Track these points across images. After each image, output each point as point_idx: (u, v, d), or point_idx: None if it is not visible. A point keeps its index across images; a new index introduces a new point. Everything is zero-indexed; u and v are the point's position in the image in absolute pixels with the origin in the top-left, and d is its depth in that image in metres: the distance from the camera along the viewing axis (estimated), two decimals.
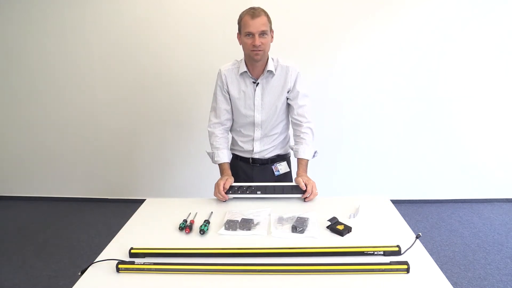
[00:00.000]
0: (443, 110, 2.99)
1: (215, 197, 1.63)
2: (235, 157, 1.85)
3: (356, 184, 3.19)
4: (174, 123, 3.17)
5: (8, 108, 3.27)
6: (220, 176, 1.69)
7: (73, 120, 3.24)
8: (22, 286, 2.25)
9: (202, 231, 1.30)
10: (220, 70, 1.71)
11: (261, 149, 1.77)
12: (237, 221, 1.35)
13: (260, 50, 1.54)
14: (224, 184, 1.57)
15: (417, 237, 1.23)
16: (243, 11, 1.56)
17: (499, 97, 2.94)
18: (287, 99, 1.70)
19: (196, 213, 1.46)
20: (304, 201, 1.55)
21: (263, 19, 1.51)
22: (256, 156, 1.78)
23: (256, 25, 1.50)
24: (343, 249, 1.17)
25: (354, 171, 3.15)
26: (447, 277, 1.03)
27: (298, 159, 1.70)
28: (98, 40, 3.00)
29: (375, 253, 1.14)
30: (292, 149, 1.76)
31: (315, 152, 1.73)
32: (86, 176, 3.41)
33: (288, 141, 1.88)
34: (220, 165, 1.74)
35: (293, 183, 1.63)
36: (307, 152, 1.69)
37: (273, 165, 1.80)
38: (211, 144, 1.77)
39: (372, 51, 2.88)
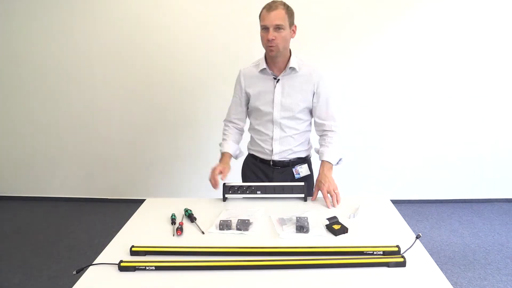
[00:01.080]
0: (443, 110, 2.99)
1: (215, 198, 1.63)
2: (255, 158, 1.78)
3: (356, 184, 3.19)
4: (174, 123, 3.17)
5: (8, 108, 3.27)
6: None
7: (73, 120, 3.24)
8: (22, 286, 2.25)
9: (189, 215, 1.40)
10: (240, 70, 1.69)
11: (281, 149, 1.68)
12: (231, 220, 1.35)
13: (273, 46, 1.47)
14: (220, 170, 1.55)
15: (417, 237, 1.23)
16: (264, 6, 1.50)
17: (499, 97, 2.94)
18: (312, 101, 1.65)
19: (183, 215, 1.46)
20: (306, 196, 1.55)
21: (280, 12, 1.44)
22: (276, 158, 1.70)
23: (271, 18, 1.44)
24: (342, 248, 1.17)
25: (354, 171, 3.15)
26: (447, 277, 1.03)
27: (321, 162, 1.64)
28: (98, 41, 3.00)
29: (375, 253, 1.14)
30: (317, 152, 1.70)
31: (340, 160, 1.67)
32: (86, 176, 3.41)
33: (310, 144, 1.79)
34: (222, 154, 1.72)
35: (293, 183, 1.63)
36: (332, 155, 1.62)
37: (294, 167, 1.71)
38: (222, 134, 1.78)
39: (371, 51, 2.88)
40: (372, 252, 1.14)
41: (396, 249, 1.14)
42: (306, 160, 1.77)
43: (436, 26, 2.80)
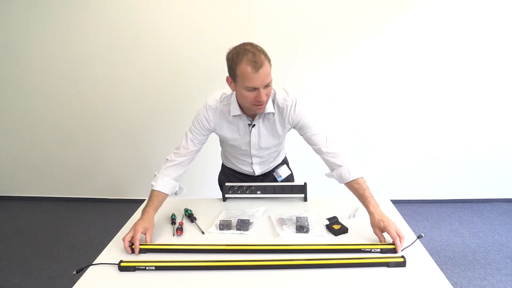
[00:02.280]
0: (443, 110, 2.98)
1: (215, 197, 1.63)
2: (234, 172, 1.73)
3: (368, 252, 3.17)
4: (174, 123, 3.16)
5: (8, 108, 3.26)
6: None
7: (73, 120, 3.24)
8: (22, 286, 2.25)
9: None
10: (206, 106, 1.43)
11: (262, 169, 1.65)
12: (231, 220, 1.35)
13: (263, 105, 1.29)
14: (132, 239, 1.19)
15: (418, 237, 1.23)
16: (237, 54, 1.21)
17: (499, 97, 2.94)
18: (299, 133, 1.49)
19: (183, 215, 1.46)
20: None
21: (266, 67, 1.21)
22: (258, 174, 1.67)
23: (261, 78, 1.21)
24: (341, 246, 1.17)
25: (361, 169, 3.14)
26: (447, 277, 1.03)
27: (349, 185, 1.37)
28: (98, 40, 3.00)
29: (372, 250, 1.14)
30: (331, 176, 1.45)
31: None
32: (86, 176, 3.41)
33: (284, 147, 1.73)
34: (151, 194, 1.39)
35: (293, 183, 1.63)
36: (354, 170, 1.38)
37: (274, 172, 1.69)
38: (161, 167, 1.49)
39: (371, 51, 2.87)
40: (369, 250, 1.15)
41: (393, 246, 1.15)
42: (284, 161, 1.76)
43: (431, 27, 2.80)
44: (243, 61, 1.19)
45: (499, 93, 2.93)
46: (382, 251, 1.15)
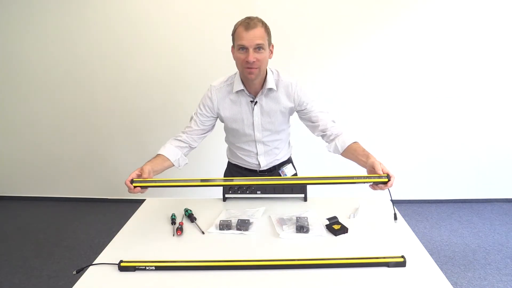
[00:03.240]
0: (443, 110, 2.98)
1: (215, 198, 1.63)
2: (239, 167, 1.73)
3: (356, 184, 3.18)
4: (174, 123, 3.16)
5: (8, 108, 3.26)
6: None
7: (73, 120, 3.24)
8: (22, 286, 2.25)
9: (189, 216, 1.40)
10: (210, 87, 1.51)
11: (268, 161, 1.65)
12: (231, 220, 1.35)
13: (254, 68, 1.33)
14: (136, 173, 1.37)
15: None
16: (238, 21, 1.35)
17: (499, 97, 2.94)
18: (299, 115, 1.55)
19: (183, 215, 1.46)
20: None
21: (259, 30, 1.30)
22: (263, 168, 1.67)
23: (250, 37, 1.29)
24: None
25: (354, 171, 3.14)
26: (447, 277, 1.03)
27: (348, 151, 1.46)
28: (97, 40, 3.00)
29: (365, 179, 1.24)
30: (333, 146, 1.51)
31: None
32: (86, 176, 3.41)
33: (290, 144, 1.76)
34: (156, 156, 1.51)
35: (293, 184, 1.63)
36: (350, 136, 1.47)
37: (280, 169, 1.69)
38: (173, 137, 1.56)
39: (371, 51, 2.87)
40: (363, 182, 1.24)
41: (386, 180, 1.21)
42: (288, 160, 1.76)
43: (432, 28, 2.80)
44: (240, 24, 1.33)
45: (499, 93, 2.93)
46: (374, 183, 1.27)
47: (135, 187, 1.30)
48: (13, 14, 2.99)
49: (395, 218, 1.36)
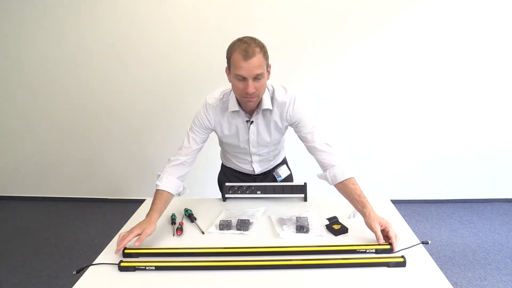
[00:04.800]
0: (443, 110, 2.98)
1: (215, 197, 1.63)
2: (234, 171, 1.73)
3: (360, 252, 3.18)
4: (174, 123, 3.17)
5: (7, 108, 3.27)
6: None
7: (73, 120, 3.24)
8: (22, 286, 2.25)
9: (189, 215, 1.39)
10: (206, 104, 1.44)
11: (262, 168, 1.66)
12: (231, 220, 1.35)
13: (253, 98, 1.28)
14: (137, 234, 1.20)
15: (423, 243, 1.21)
16: (234, 44, 1.25)
17: (499, 97, 2.94)
18: (293, 129, 1.49)
19: (183, 215, 1.46)
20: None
21: (258, 59, 1.21)
22: (258, 173, 1.68)
23: (250, 67, 1.20)
24: (335, 247, 1.17)
25: (354, 171, 3.15)
26: (447, 277, 1.03)
27: (342, 185, 1.36)
28: (98, 40, 3.00)
29: (367, 251, 1.15)
30: (323, 177, 1.44)
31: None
32: (86, 176, 3.41)
33: (283, 147, 1.73)
34: (156, 194, 1.36)
35: (293, 183, 1.63)
36: (347, 170, 1.38)
37: (274, 171, 1.69)
38: (164, 168, 1.46)
39: (371, 51, 2.87)
40: (364, 250, 1.15)
41: (389, 247, 1.15)
42: (283, 161, 1.76)
43: (434, 28, 2.80)
44: (236, 50, 1.22)
45: (499, 93, 2.93)
46: (377, 251, 1.15)
47: (126, 254, 1.18)
48: (11, 14, 2.98)
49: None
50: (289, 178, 1.74)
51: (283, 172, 1.70)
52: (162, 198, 1.35)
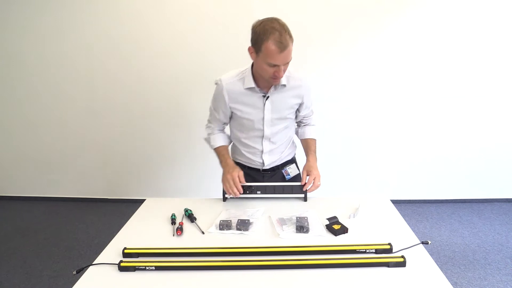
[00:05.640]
0: (443, 110, 2.98)
1: (215, 198, 1.63)
2: (242, 166, 1.71)
3: (356, 184, 3.19)
4: (173, 124, 3.17)
5: (7, 108, 3.26)
6: (221, 167, 1.60)
7: (73, 120, 3.24)
8: (22, 286, 2.25)
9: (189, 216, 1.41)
10: (221, 83, 1.52)
11: (271, 160, 1.67)
12: (231, 220, 1.35)
13: (280, 78, 1.40)
14: (238, 175, 1.49)
15: (423, 243, 1.21)
16: (265, 31, 1.29)
17: (499, 97, 2.94)
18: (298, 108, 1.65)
19: (183, 215, 1.47)
20: (302, 191, 1.54)
21: (290, 48, 1.31)
22: (267, 167, 1.69)
23: (284, 57, 1.31)
24: (335, 247, 1.17)
25: (354, 171, 3.15)
26: (447, 277, 1.03)
27: (305, 141, 1.69)
28: (97, 41, 2.99)
29: (367, 251, 1.15)
30: (296, 133, 1.76)
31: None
32: (86, 176, 3.41)
33: (294, 144, 1.80)
34: (218, 150, 1.65)
35: (293, 183, 1.63)
36: (314, 132, 1.70)
37: (283, 169, 1.70)
38: (206, 132, 1.73)
39: (371, 51, 2.87)
40: (364, 250, 1.15)
41: (388, 247, 1.15)
42: (292, 160, 1.78)
43: (436, 28, 2.80)
44: (270, 39, 1.28)
45: (499, 94, 2.93)
46: (377, 251, 1.15)
47: (126, 254, 1.19)
48: (11, 15, 2.98)
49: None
50: (298, 177, 1.73)
51: (292, 170, 1.71)
52: (224, 149, 1.64)
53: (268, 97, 1.51)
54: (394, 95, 2.97)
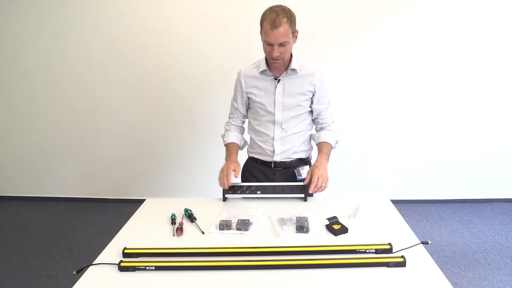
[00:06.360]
0: (443, 110, 2.99)
1: (215, 198, 1.63)
2: (255, 161, 1.76)
3: (356, 184, 3.19)
4: (173, 123, 3.17)
5: (7, 108, 3.27)
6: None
7: (73, 120, 3.24)
8: (22, 286, 2.25)
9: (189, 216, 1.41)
10: (240, 71, 1.67)
11: (282, 149, 1.68)
12: (231, 220, 1.35)
13: (279, 60, 1.49)
14: (233, 168, 1.53)
15: (423, 243, 1.21)
16: (266, 12, 1.44)
17: (499, 97, 2.94)
18: (311, 101, 1.66)
19: (183, 215, 1.47)
20: (304, 192, 1.53)
21: (284, 28, 1.39)
22: (278, 158, 1.69)
23: (275, 36, 1.40)
24: (335, 247, 1.17)
25: (354, 171, 3.15)
26: (447, 277, 1.03)
27: (319, 145, 1.67)
28: (97, 40, 3.00)
29: (367, 251, 1.15)
30: (313, 139, 1.75)
31: (336, 142, 1.71)
32: (86, 176, 3.41)
33: (311, 145, 1.79)
34: (227, 146, 1.70)
35: (293, 183, 1.63)
36: (329, 137, 1.67)
37: (295, 168, 1.70)
38: (224, 129, 1.78)
39: (372, 51, 2.88)
40: (364, 250, 1.15)
41: (388, 247, 1.15)
42: (307, 161, 1.77)
43: (435, 27, 2.80)
44: (267, 19, 1.42)
45: (499, 94, 2.93)
46: (377, 251, 1.15)
47: (126, 254, 1.19)
48: (11, 14, 2.98)
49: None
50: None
51: (304, 172, 1.70)
52: (232, 146, 1.68)
53: (279, 80, 1.59)
54: (394, 96, 2.97)
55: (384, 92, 2.97)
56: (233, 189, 1.59)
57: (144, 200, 1.64)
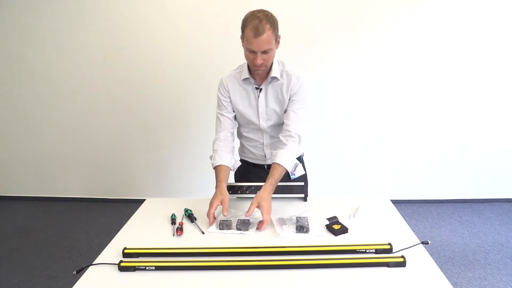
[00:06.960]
0: (443, 110, 2.98)
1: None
2: (247, 163, 1.75)
3: (356, 184, 3.18)
4: (173, 124, 3.17)
5: (8, 108, 3.27)
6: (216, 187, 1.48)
7: (73, 120, 3.24)
8: (22, 286, 2.25)
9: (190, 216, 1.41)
10: (222, 77, 1.59)
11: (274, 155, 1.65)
12: (231, 220, 1.35)
13: (261, 67, 1.44)
14: (218, 203, 1.37)
15: (423, 243, 1.21)
16: (247, 18, 1.36)
17: (499, 97, 2.94)
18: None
19: (183, 215, 1.46)
20: (307, 194, 1.50)
21: (267, 36, 1.33)
22: (270, 161, 1.59)
23: (259, 44, 1.34)
24: (335, 247, 1.17)
25: (354, 171, 3.15)
26: (447, 277, 1.03)
27: (272, 165, 1.47)
28: (97, 41, 3.00)
29: (367, 251, 1.15)
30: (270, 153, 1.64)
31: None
32: (86, 176, 3.41)
33: (302, 145, 1.70)
34: (216, 171, 1.54)
35: (293, 183, 1.63)
36: (286, 159, 1.46)
37: None
38: (212, 149, 1.62)
39: (372, 51, 2.87)
40: (364, 250, 1.15)
41: (388, 247, 1.15)
42: (299, 159, 1.75)
43: (435, 28, 2.80)
44: (248, 25, 1.35)
45: (498, 94, 2.93)
46: (377, 251, 1.15)
47: (126, 254, 1.19)
48: (11, 15, 2.98)
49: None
50: (303, 178, 1.70)
51: (298, 171, 1.65)
52: (222, 170, 1.52)
53: (261, 89, 1.54)
54: (394, 96, 2.97)
55: (384, 92, 2.97)
56: (233, 189, 1.59)
57: (144, 200, 1.64)
